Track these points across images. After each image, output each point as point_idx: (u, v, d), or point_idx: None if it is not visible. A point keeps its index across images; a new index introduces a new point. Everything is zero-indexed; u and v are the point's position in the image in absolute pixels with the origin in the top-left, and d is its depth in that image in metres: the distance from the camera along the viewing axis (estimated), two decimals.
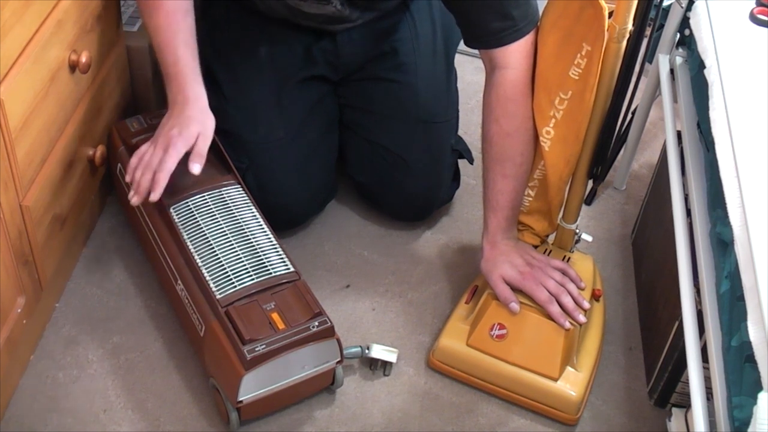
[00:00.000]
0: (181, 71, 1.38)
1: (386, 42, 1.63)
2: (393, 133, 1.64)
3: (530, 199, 1.50)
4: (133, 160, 1.39)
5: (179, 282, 1.40)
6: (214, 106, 1.64)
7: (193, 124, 1.37)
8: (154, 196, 1.34)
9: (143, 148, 1.39)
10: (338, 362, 1.37)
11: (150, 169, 1.35)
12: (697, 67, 1.37)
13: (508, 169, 1.43)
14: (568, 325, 1.40)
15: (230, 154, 1.53)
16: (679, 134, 1.45)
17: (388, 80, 1.63)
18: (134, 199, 1.36)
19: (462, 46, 1.64)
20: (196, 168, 1.35)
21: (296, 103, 1.61)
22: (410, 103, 1.63)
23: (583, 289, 1.47)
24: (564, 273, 1.46)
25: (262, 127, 1.58)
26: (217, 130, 1.56)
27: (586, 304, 1.44)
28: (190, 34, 1.41)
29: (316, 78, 1.63)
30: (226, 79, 1.60)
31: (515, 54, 1.38)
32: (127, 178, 1.39)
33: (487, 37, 1.38)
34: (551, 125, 1.39)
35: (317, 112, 1.64)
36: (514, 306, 1.42)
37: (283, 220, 1.59)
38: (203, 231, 1.40)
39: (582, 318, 1.42)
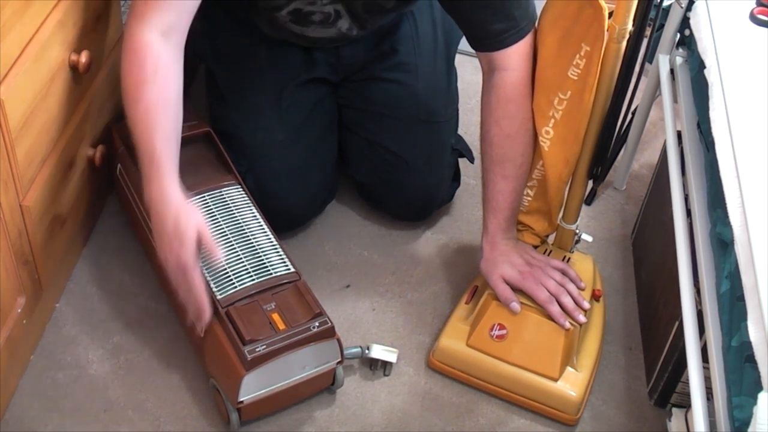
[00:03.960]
0: (156, 169, 1.28)
1: (387, 42, 1.63)
2: (393, 132, 1.64)
3: (530, 198, 1.50)
4: (175, 285, 1.30)
5: None
6: (214, 108, 1.64)
7: (188, 227, 1.26)
8: (207, 317, 1.29)
9: (170, 272, 1.30)
10: (338, 362, 1.37)
11: (189, 298, 1.29)
12: (697, 67, 1.38)
13: (508, 170, 1.43)
14: (568, 325, 1.41)
15: (230, 157, 1.52)
16: (679, 134, 1.45)
17: (388, 80, 1.63)
18: (199, 327, 1.32)
19: (462, 46, 1.64)
20: (217, 253, 1.28)
21: (296, 105, 1.61)
22: (410, 103, 1.63)
23: (583, 289, 1.47)
24: (564, 273, 1.47)
25: (261, 130, 1.58)
26: (217, 132, 1.57)
27: (586, 305, 1.44)
28: (171, 128, 1.30)
29: (316, 80, 1.63)
30: (226, 80, 1.60)
31: (515, 56, 1.38)
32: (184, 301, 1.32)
33: (488, 40, 1.38)
34: (550, 125, 1.39)
35: (317, 114, 1.64)
36: (515, 306, 1.42)
37: (284, 223, 1.59)
38: None
39: (582, 318, 1.42)
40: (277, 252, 1.40)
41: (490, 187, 1.46)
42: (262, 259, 1.37)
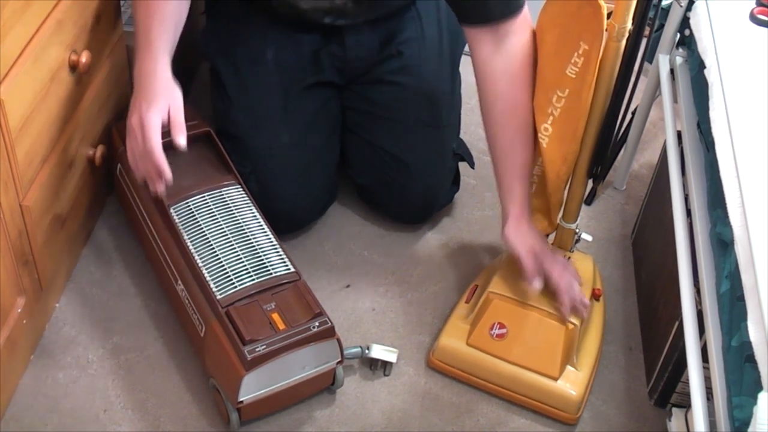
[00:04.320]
0: (149, 48, 1.33)
1: (392, 44, 1.62)
2: (395, 135, 1.64)
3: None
4: (128, 150, 1.35)
5: (179, 282, 1.40)
6: (218, 108, 1.64)
7: (160, 97, 1.30)
8: (168, 178, 1.31)
9: (129, 133, 1.34)
10: (338, 362, 1.37)
11: (144, 158, 1.31)
12: (697, 67, 1.38)
13: (527, 138, 1.41)
14: (572, 319, 1.41)
15: (234, 159, 1.52)
16: (679, 134, 1.45)
17: (392, 83, 1.63)
18: (159, 189, 1.34)
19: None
20: (181, 140, 1.29)
21: (301, 108, 1.60)
22: (413, 106, 1.63)
23: (581, 285, 1.47)
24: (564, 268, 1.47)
25: (265, 133, 1.58)
26: (221, 132, 1.57)
27: (586, 301, 1.44)
28: (170, 17, 1.37)
29: (322, 84, 1.62)
30: (232, 81, 1.60)
31: (521, 21, 1.38)
32: (134, 170, 1.36)
33: (494, 15, 1.38)
34: (549, 122, 1.39)
35: (321, 118, 1.63)
36: (538, 284, 1.41)
37: (285, 225, 1.59)
38: (203, 231, 1.40)
39: (585, 314, 1.42)
40: (277, 252, 1.40)
41: (512, 157, 1.42)
42: (262, 259, 1.38)
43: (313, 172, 1.62)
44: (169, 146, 1.46)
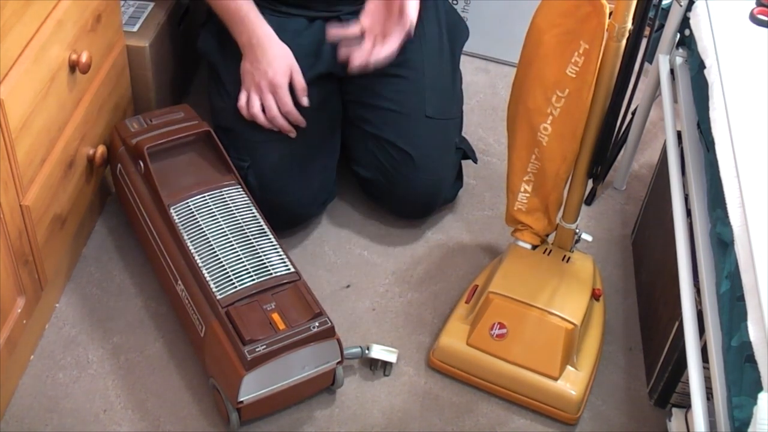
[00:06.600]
0: (247, 15, 1.54)
1: None
2: (399, 128, 1.64)
3: (528, 195, 1.50)
4: (267, 107, 1.55)
5: (179, 282, 1.40)
6: (216, 103, 1.65)
7: (281, 61, 1.53)
8: (304, 123, 1.57)
9: (243, 97, 1.55)
10: (338, 362, 1.37)
11: (279, 116, 1.55)
12: (697, 67, 1.38)
13: None
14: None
15: (232, 153, 1.53)
16: (679, 134, 1.45)
17: (394, 75, 1.63)
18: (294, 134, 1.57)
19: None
20: (305, 101, 1.55)
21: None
22: (417, 99, 1.63)
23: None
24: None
25: (264, 126, 1.58)
26: (219, 128, 1.57)
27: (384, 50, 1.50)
28: None
29: (322, 77, 1.63)
30: (230, 76, 1.60)
31: None
32: (264, 123, 1.56)
33: None
34: (548, 122, 1.39)
35: (321, 112, 1.64)
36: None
37: (283, 220, 1.59)
38: (203, 231, 1.40)
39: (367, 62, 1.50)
40: (277, 252, 1.40)
41: None
42: (262, 259, 1.38)
43: (311, 167, 1.62)
44: (166, 151, 1.48)
